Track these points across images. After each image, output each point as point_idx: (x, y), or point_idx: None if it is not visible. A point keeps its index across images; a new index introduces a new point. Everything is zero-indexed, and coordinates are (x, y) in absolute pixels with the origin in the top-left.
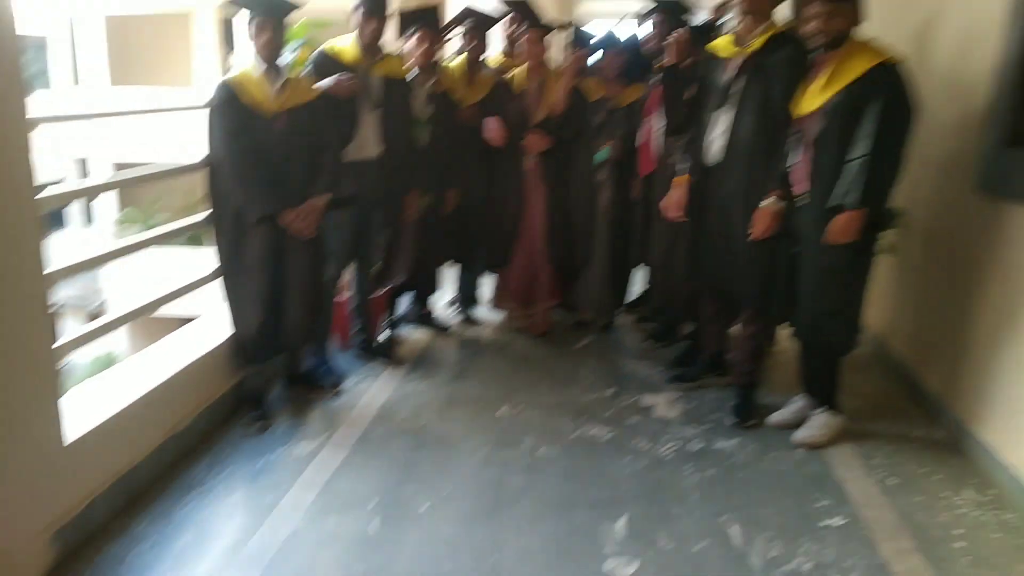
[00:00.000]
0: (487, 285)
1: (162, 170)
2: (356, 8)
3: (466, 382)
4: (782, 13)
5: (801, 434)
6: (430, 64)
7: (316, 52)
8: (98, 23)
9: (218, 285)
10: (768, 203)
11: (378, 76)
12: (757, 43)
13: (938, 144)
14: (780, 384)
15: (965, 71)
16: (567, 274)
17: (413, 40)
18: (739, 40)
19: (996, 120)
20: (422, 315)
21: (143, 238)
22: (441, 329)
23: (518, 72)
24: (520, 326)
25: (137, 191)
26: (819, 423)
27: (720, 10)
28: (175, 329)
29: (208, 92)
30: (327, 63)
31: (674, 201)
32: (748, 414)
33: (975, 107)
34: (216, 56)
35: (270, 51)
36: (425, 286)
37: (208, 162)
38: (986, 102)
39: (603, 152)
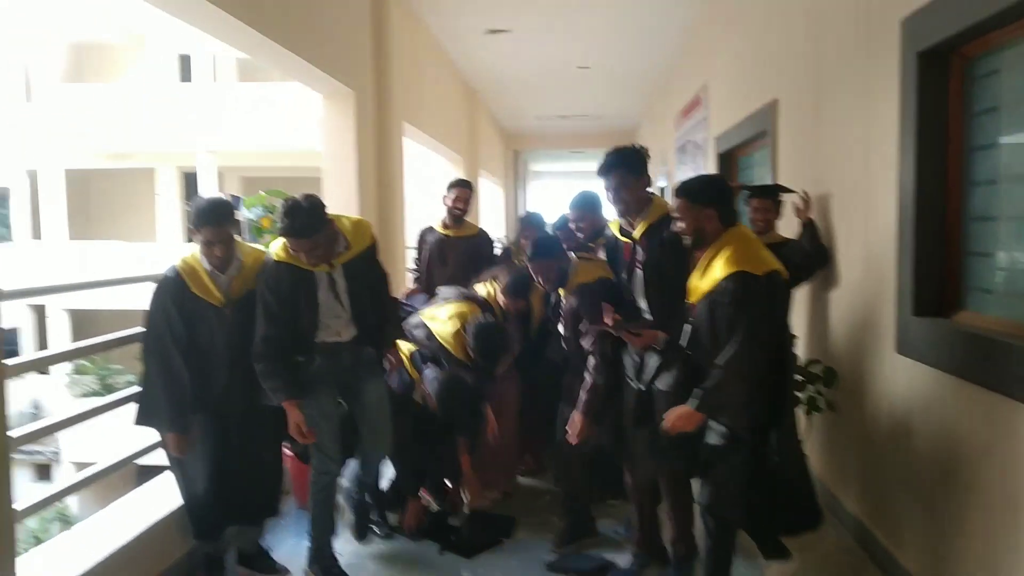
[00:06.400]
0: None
1: (128, 334)
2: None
3: None
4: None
5: None
6: None
7: (267, 264)
8: (58, 176)
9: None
10: (688, 408)
11: (336, 269)
12: (640, 231)
13: (861, 307)
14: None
15: (875, 241)
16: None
17: None
18: (624, 230)
19: (901, 292)
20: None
21: (108, 401)
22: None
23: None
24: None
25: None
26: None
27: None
28: (124, 477)
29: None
30: (282, 272)
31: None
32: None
33: (888, 276)
34: (179, 211)
35: (221, 262)
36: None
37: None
38: (892, 273)
39: None
